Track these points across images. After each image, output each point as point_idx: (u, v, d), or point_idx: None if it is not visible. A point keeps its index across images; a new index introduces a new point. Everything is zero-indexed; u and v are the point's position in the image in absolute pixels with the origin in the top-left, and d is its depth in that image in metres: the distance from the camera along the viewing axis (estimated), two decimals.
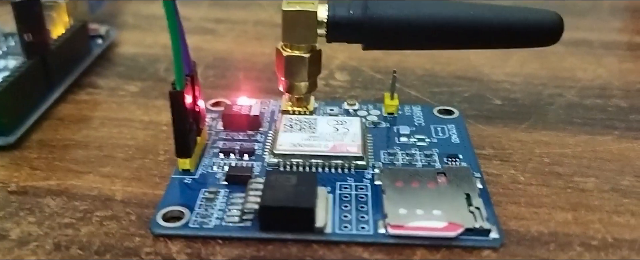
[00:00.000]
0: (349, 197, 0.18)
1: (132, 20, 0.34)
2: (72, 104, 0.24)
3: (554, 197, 0.19)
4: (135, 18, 0.34)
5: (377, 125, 0.21)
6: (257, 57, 0.30)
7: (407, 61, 0.29)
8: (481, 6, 0.21)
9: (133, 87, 0.26)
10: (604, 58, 0.30)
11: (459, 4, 0.21)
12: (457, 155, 0.20)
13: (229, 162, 0.19)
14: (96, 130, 0.22)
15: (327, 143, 0.19)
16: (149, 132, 0.22)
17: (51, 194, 0.18)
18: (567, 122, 0.24)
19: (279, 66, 0.21)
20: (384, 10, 0.20)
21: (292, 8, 0.19)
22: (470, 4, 0.21)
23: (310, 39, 0.20)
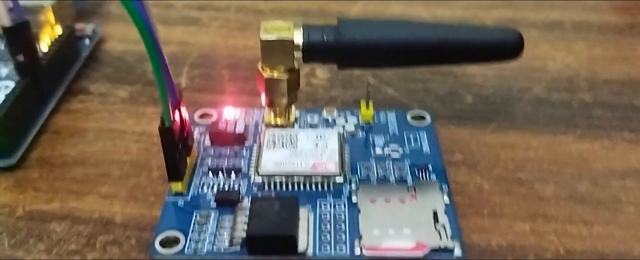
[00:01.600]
0: (328, 216, 0.19)
1: (116, 10, 0.35)
2: (66, 114, 0.25)
3: (515, 206, 0.21)
4: (120, 7, 0.35)
5: (354, 136, 0.23)
6: (241, 51, 0.31)
7: None
8: (446, 27, 0.22)
9: (122, 91, 0.27)
10: (574, 43, 0.31)
11: (426, 26, 0.22)
12: (428, 167, 0.21)
13: (218, 181, 0.21)
14: (91, 145, 0.24)
15: (307, 161, 0.21)
16: (141, 145, 0.24)
17: (56, 218, 0.20)
18: (533, 121, 0.25)
19: (260, 84, 0.22)
20: (354, 34, 0.21)
21: (270, 38, 0.20)
22: (435, 26, 0.22)
23: (288, 62, 0.21)
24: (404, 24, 0.22)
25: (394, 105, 0.26)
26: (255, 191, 0.20)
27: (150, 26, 0.17)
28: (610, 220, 0.20)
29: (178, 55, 0.30)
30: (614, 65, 0.29)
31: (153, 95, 0.27)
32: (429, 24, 0.23)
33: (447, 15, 0.34)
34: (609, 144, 0.24)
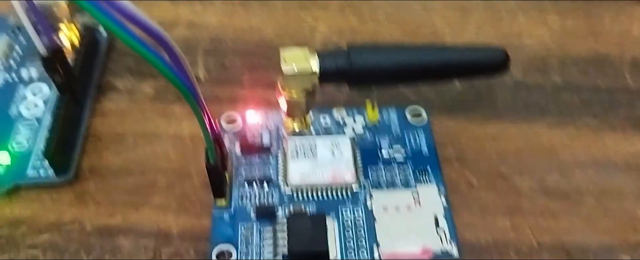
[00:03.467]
0: (349, 222, 0.24)
1: None
2: (101, 116, 0.29)
3: (498, 201, 0.25)
4: None
5: (363, 138, 0.27)
6: (248, 34, 0.33)
7: (380, 32, 0.33)
8: (441, 50, 0.25)
9: (147, 87, 0.30)
10: (549, 15, 0.34)
11: (424, 50, 0.25)
12: (427, 169, 0.26)
13: (254, 192, 0.25)
14: (133, 151, 0.27)
15: (327, 171, 0.25)
16: (178, 150, 0.27)
17: (121, 232, 0.24)
18: (512, 107, 0.29)
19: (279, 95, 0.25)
20: (364, 59, 0.24)
21: (290, 70, 0.24)
22: (432, 49, 0.26)
23: (306, 86, 0.24)
24: (405, 48, 0.25)
25: (391, 94, 0.29)
26: (287, 201, 0.24)
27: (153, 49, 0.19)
28: (573, 212, 0.25)
29: (190, 40, 0.33)
30: (583, 40, 0.32)
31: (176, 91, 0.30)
32: (427, 47, 0.26)
33: None
34: (574, 131, 0.28)
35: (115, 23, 0.18)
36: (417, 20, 0.34)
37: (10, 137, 0.26)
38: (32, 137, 0.26)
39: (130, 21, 0.18)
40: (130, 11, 0.18)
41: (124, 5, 0.18)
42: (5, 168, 0.25)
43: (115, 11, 0.18)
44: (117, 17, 0.18)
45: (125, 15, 0.18)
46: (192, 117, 0.27)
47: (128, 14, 0.18)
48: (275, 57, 0.31)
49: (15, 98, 0.28)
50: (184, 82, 0.20)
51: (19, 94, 0.28)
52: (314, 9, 0.35)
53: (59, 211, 0.25)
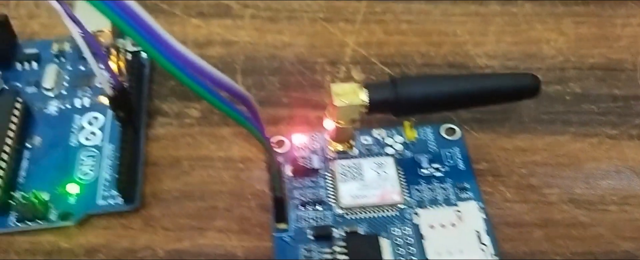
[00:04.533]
0: (399, 241, 0.26)
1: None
2: (155, 141, 0.30)
3: (532, 214, 0.28)
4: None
5: (403, 157, 0.29)
6: (281, 51, 0.35)
7: (406, 44, 0.35)
8: (479, 78, 0.27)
9: (194, 111, 0.32)
10: (563, 20, 0.36)
11: (463, 79, 0.27)
12: (465, 186, 0.28)
13: (309, 214, 0.27)
14: (190, 175, 0.29)
15: (375, 192, 0.27)
16: (230, 172, 0.29)
17: (192, 256, 0.26)
18: (537, 119, 0.31)
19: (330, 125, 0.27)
20: (409, 91, 0.26)
21: (342, 104, 0.26)
22: (470, 78, 0.28)
23: (355, 117, 0.26)
24: (446, 78, 0.27)
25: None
26: (340, 222, 0.27)
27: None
28: (600, 220, 0.28)
29: (226, 58, 0.34)
30: (597, 46, 0.35)
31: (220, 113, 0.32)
32: (465, 76, 0.28)
33: None
34: (596, 141, 0.31)
35: (202, 87, 0.20)
36: (439, 30, 0.36)
37: (75, 167, 0.28)
38: (95, 167, 0.28)
39: (215, 85, 0.20)
40: (217, 76, 0.20)
41: (212, 72, 0.20)
42: (75, 198, 0.27)
43: (201, 75, 0.20)
44: (203, 81, 0.20)
45: (212, 80, 0.20)
46: (239, 140, 0.29)
47: (215, 79, 0.20)
48: (310, 73, 0.33)
49: (73, 128, 0.30)
50: (261, 132, 0.22)
51: (76, 124, 0.30)
52: (340, 22, 0.37)
53: (130, 238, 0.27)
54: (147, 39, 0.19)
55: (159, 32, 0.19)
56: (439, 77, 0.28)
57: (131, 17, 0.18)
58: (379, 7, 0.37)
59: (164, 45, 0.19)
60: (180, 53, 0.19)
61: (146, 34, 0.19)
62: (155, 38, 0.19)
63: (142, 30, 0.18)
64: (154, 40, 0.19)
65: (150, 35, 0.19)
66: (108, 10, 0.17)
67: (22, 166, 0.28)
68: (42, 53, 0.33)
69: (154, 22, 0.19)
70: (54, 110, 0.30)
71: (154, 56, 0.19)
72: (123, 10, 0.18)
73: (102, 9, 0.17)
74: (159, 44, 0.19)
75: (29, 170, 0.28)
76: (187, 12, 0.37)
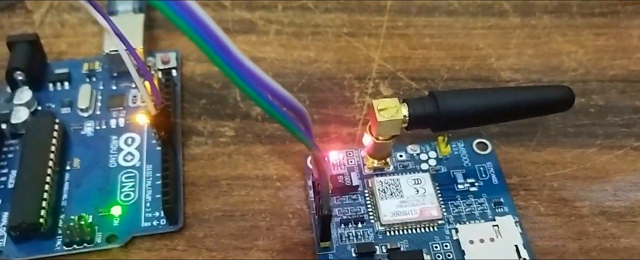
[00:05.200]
0: (440, 256, 0.27)
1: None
2: (192, 161, 0.31)
3: (565, 227, 0.29)
4: None
5: (438, 172, 0.30)
6: (308, 67, 0.35)
7: (431, 58, 0.36)
8: (516, 92, 0.28)
9: (227, 129, 0.32)
10: (582, 32, 0.37)
11: (500, 93, 0.28)
12: (500, 201, 0.29)
13: (350, 231, 0.28)
14: (229, 195, 0.29)
15: (414, 208, 0.28)
16: (268, 191, 0.30)
17: None
18: (563, 133, 0.32)
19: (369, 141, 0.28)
20: (450, 104, 0.27)
21: (385, 119, 0.26)
22: (507, 91, 0.28)
23: (394, 132, 0.27)
24: (484, 92, 0.28)
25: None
26: (381, 239, 0.27)
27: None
28: (630, 232, 0.28)
29: None
30: (616, 58, 0.35)
31: (254, 131, 0.32)
32: (501, 90, 0.29)
33: (470, 3, 0.39)
34: (621, 153, 0.31)
35: (265, 100, 0.20)
36: (462, 44, 0.37)
37: (116, 189, 0.28)
38: (136, 188, 0.28)
39: (276, 98, 0.21)
40: (279, 91, 0.20)
41: (276, 88, 0.20)
42: (119, 220, 0.27)
43: (266, 91, 0.20)
44: (267, 95, 0.20)
45: (272, 93, 0.20)
46: (274, 158, 0.29)
47: (275, 92, 0.20)
48: (338, 89, 0.34)
49: (111, 149, 0.30)
50: (315, 147, 0.22)
51: (113, 144, 0.30)
52: (364, 37, 0.37)
53: (176, 259, 0.27)
54: (213, 48, 0.19)
55: (225, 41, 0.19)
56: (476, 91, 0.29)
57: (197, 24, 0.18)
58: (400, 22, 0.38)
59: (227, 55, 0.19)
60: (243, 64, 0.20)
61: (212, 42, 0.19)
62: (221, 47, 0.19)
63: (207, 37, 0.19)
64: (218, 48, 0.19)
65: (216, 44, 0.19)
66: (173, 14, 0.17)
67: (64, 189, 0.28)
68: (73, 73, 0.33)
69: (221, 32, 0.19)
70: (90, 131, 0.31)
71: (221, 67, 0.19)
72: (190, 17, 0.18)
73: (167, 12, 0.17)
74: (224, 52, 0.19)
75: (70, 192, 0.28)
76: None
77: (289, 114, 0.22)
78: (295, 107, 0.22)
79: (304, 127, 0.23)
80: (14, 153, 0.30)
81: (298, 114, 0.22)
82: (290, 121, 0.22)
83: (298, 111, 0.22)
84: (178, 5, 0.18)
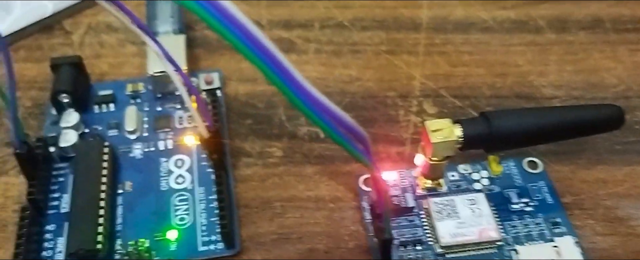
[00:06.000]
0: None
1: (206, 33, 0.38)
2: (243, 182, 0.31)
3: (624, 247, 0.28)
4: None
5: (492, 191, 0.30)
6: (350, 86, 0.35)
7: (472, 75, 0.36)
8: (567, 111, 0.28)
9: (275, 149, 0.32)
10: (618, 48, 0.37)
11: (552, 111, 0.28)
12: (557, 221, 0.28)
13: (409, 253, 0.27)
14: (284, 217, 0.29)
15: (472, 229, 0.28)
16: (323, 212, 0.29)
17: None
18: (611, 150, 0.32)
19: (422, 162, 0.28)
20: (504, 124, 0.27)
21: (440, 140, 0.26)
22: (559, 110, 0.28)
23: (448, 153, 0.27)
24: (535, 111, 0.28)
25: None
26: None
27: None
28: None
29: None
30: None
31: (302, 151, 0.32)
32: (553, 109, 0.29)
33: (504, 16, 0.39)
34: None
35: (327, 124, 0.20)
36: (501, 61, 0.37)
37: (170, 212, 0.28)
38: (190, 211, 0.28)
39: (338, 123, 0.21)
40: (343, 117, 0.20)
41: (341, 115, 0.20)
42: (175, 245, 0.27)
43: (329, 116, 0.20)
44: (328, 118, 0.20)
45: (336, 119, 0.20)
46: (325, 179, 0.29)
47: (340, 119, 0.20)
48: (383, 108, 0.34)
49: (161, 171, 0.30)
50: (377, 170, 0.22)
51: (163, 167, 0.30)
52: (403, 55, 0.37)
53: None
54: (275, 72, 0.19)
55: (285, 64, 0.19)
56: (528, 110, 0.29)
57: (256, 46, 0.18)
58: (438, 39, 0.38)
59: (291, 81, 0.19)
60: (307, 90, 0.20)
61: (272, 64, 0.19)
62: (282, 71, 0.19)
63: (267, 59, 0.18)
64: (280, 72, 0.19)
65: (277, 67, 0.19)
66: (235, 40, 0.17)
67: (118, 213, 0.28)
68: (117, 94, 0.33)
69: (280, 54, 0.19)
70: (139, 153, 0.30)
71: (284, 91, 0.19)
72: (250, 40, 0.18)
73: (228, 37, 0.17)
74: (285, 75, 0.19)
75: (125, 216, 0.28)
76: None
77: (348, 136, 0.22)
78: (357, 132, 0.22)
79: (365, 151, 0.23)
80: (64, 177, 0.29)
81: (359, 138, 0.22)
82: (352, 144, 0.22)
83: (360, 135, 0.22)
84: (238, 30, 0.17)
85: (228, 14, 0.17)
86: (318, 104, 0.19)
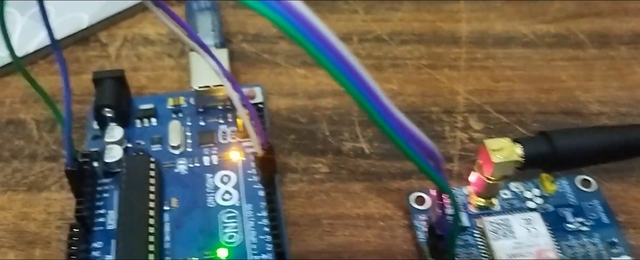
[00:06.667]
0: None
1: (243, 46, 0.37)
2: (290, 199, 0.30)
3: None
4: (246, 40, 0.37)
5: (546, 210, 0.29)
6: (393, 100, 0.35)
7: (516, 91, 0.35)
8: (628, 129, 0.27)
9: (321, 165, 0.31)
10: None
11: (612, 130, 0.27)
12: (614, 241, 0.28)
13: None
14: (333, 236, 0.29)
15: (530, 250, 0.27)
16: (373, 231, 0.29)
17: None
18: None
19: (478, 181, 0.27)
20: (567, 144, 0.26)
21: (501, 160, 0.26)
22: (621, 129, 0.28)
23: (507, 172, 0.26)
24: (597, 130, 0.27)
25: None
26: None
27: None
28: None
29: (340, 110, 0.34)
30: None
31: (348, 167, 0.31)
32: (613, 128, 0.28)
33: (544, 30, 0.39)
34: None
35: (405, 142, 0.19)
36: (545, 76, 0.36)
37: (219, 230, 0.27)
38: (239, 229, 0.28)
39: (413, 142, 0.20)
40: (420, 137, 0.20)
41: (417, 133, 0.20)
42: None
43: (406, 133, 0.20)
44: (405, 135, 0.20)
45: (414, 139, 0.20)
46: (373, 196, 0.29)
47: (417, 139, 0.20)
48: (428, 123, 0.33)
49: (208, 188, 0.29)
50: (449, 188, 0.22)
51: (209, 184, 0.29)
52: (445, 69, 0.37)
53: None
54: (359, 90, 0.18)
55: (370, 84, 0.18)
56: (589, 130, 0.28)
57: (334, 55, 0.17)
58: (479, 53, 0.37)
59: (371, 95, 0.19)
60: (382, 102, 0.19)
61: (357, 82, 0.18)
62: (367, 90, 0.18)
63: (350, 75, 0.18)
64: (365, 91, 0.18)
65: (362, 86, 0.18)
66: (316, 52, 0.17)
67: (165, 230, 0.27)
68: (158, 108, 0.32)
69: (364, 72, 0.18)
70: (184, 169, 0.30)
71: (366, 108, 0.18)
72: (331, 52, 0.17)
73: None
74: (368, 94, 0.18)
75: (172, 234, 0.27)
76: (290, 62, 0.37)
77: (423, 154, 0.21)
78: (433, 154, 0.21)
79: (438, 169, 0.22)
80: (108, 192, 0.29)
81: (432, 157, 0.21)
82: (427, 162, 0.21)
83: (433, 154, 0.21)
84: (321, 42, 0.17)
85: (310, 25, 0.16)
86: (394, 119, 0.19)
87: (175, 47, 0.37)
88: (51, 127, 0.33)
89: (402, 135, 0.19)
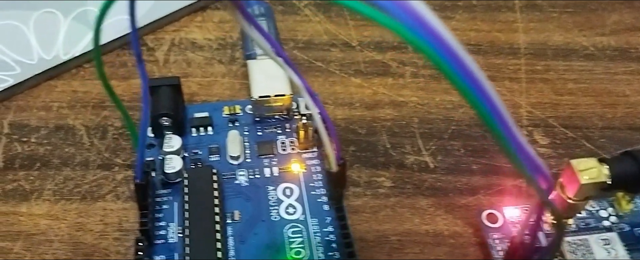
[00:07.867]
0: None
1: (295, 53, 0.36)
2: (355, 214, 0.29)
3: None
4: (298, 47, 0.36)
5: (622, 230, 0.28)
6: (453, 112, 0.34)
7: (580, 105, 0.34)
8: None
9: (384, 179, 0.30)
10: None
11: None
12: None
13: None
14: (402, 253, 0.27)
15: None
16: (443, 249, 0.28)
17: None
18: None
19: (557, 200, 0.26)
20: None
21: (589, 181, 0.24)
22: None
23: (592, 193, 0.25)
24: None
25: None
26: None
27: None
28: None
29: (400, 121, 0.33)
30: None
31: (413, 182, 0.30)
32: None
33: (604, 42, 0.38)
34: None
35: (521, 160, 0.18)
36: (608, 90, 0.35)
37: (285, 245, 0.26)
38: (305, 244, 0.26)
39: (527, 160, 0.19)
40: (532, 155, 0.19)
41: (530, 151, 0.19)
42: None
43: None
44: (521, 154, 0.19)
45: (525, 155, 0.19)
46: (440, 212, 0.28)
47: (527, 154, 0.19)
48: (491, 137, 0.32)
49: (270, 201, 0.28)
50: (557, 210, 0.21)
51: (272, 196, 0.28)
52: (505, 81, 0.35)
53: None
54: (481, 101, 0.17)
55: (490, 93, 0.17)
56: None
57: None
58: (539, 65, 0.36)
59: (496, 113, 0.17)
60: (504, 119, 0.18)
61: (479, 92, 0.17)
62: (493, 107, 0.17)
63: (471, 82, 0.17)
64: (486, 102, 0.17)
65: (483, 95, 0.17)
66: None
67: (229, 244, 0.26)
68: (213, 116, 0.31)
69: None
70: (244, 180, 0.29)
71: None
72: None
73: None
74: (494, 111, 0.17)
75: (237, 249, 0.26)
76: (345, 71, 0.35)
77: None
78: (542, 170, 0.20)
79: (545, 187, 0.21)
80: (167, 204, 0.27)
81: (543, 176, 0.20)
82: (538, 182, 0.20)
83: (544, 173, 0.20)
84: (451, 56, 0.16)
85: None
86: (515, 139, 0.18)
87: (224, 53, 0.36)
88: (102, 133, 0.32)
89: (520, 154, 0.17)
